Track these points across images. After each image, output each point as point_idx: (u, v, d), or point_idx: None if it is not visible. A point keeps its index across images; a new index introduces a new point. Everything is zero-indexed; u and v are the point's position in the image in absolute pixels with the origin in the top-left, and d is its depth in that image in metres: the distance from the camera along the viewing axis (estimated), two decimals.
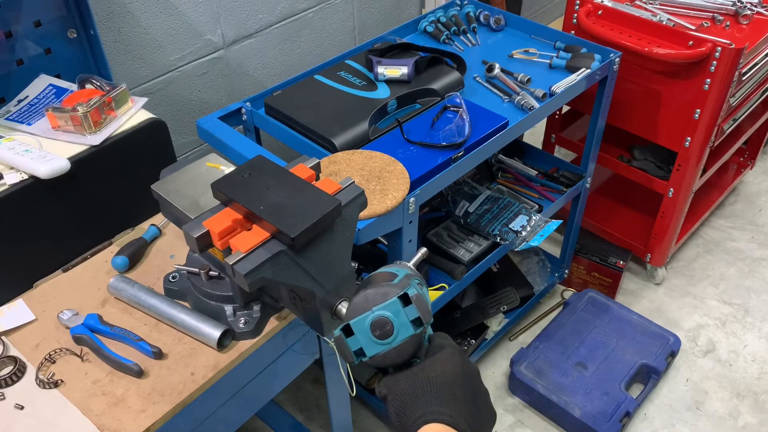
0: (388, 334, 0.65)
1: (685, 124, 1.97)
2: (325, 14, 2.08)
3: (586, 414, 1.90)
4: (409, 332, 0.65)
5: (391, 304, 0.66)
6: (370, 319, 0.66)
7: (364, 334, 0.66)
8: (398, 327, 0.65)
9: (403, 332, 0.65)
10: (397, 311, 0.65)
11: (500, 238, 1.74)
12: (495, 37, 1.93)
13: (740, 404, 2.05)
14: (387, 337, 0.65)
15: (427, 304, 0.66)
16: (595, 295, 2.27)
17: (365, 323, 0.66)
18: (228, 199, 0.92)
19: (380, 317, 0.65)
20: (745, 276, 2.46)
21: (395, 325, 0.65)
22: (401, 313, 0.65)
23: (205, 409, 1.10)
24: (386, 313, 0.65)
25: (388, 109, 1.55)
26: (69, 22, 1.36)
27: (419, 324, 0.65)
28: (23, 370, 1.07)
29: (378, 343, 0.66)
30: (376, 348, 0.66)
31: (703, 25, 1.93)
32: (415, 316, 0.65)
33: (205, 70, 1.84)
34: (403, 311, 0.65)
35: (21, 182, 1.14)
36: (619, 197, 2.54)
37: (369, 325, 0.66)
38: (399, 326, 0.65)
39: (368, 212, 1.26)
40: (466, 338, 2.06)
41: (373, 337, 0.66)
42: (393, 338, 0.65)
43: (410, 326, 0.65)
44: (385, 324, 0.65)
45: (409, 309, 0.65)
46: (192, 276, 1.14)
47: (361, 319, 0.66)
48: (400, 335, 0.65)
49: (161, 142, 1.33)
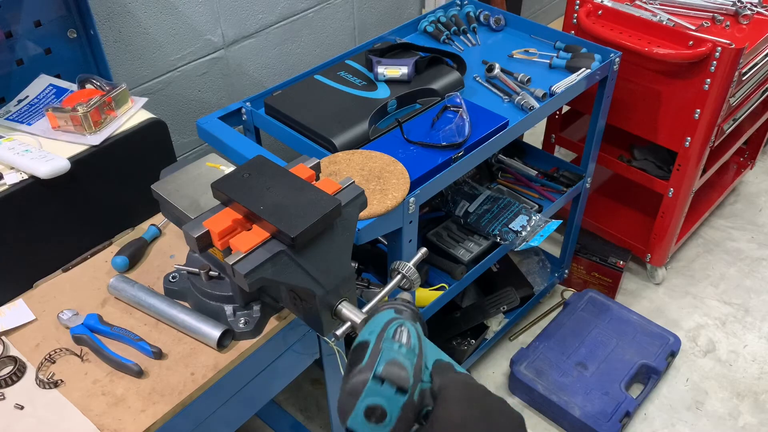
0: (383, 416, 0.65)
1: (685, 124, 1.97)
2: (325, 14, 2.08)
3: (586, 414, 1.90)
4: (399, 404, 0.65)
5: (369, 390, 0.66)
6: (361, 413, 0.66)
7: (364, 426, 0.66)
8: (388, 406, 0.65)
9: (394, 408, 0.65)
10: (378, 393, 0.65)
11: (500, 238, 1.74)
12: (495, 37, 1.93)
13: (740, 404, 2.05)
14: (384, 419, 0.65)
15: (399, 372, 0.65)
16: (595, 295, 2.27)
17: (359, 418, 0.66)
18: (228, 199, 0.92)
19: (368, 406, 0.66)
20: (745, 276, 2.46)
21: (385, 406, 0.65)
22: (382, 391, 0.65)
23: (205, 409, 1.10)
24: (371, 400, 0.65)
25: (388, 109, 1.55)
26: (69, 22, 1.36)
27: (404, 391, 0.65)
28: (23, 370, 1.07)
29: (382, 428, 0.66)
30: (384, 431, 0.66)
31: (703, 25, 1.93)
32: (394, 389, 0.65)
33: (205, 70, 1.84)
34: (383, 389, 0.65)
35: (21, 182, 1.14)
36: (619, 197, 2.54)
37: (363, 417, 0.66)
38: (388, 405, 0.65)
39: (368, 212, 1.26)
40: (466, 338, 2.06)
41: (373, 426, 0.66)
42: (389, 418, 0.65)
43: (397, 399, 0.65)
44: (375, 410, 0.65)
45: (386, 386, 0.65)
46: (192, 276, 1.14)
47: (354, 416, 0.66)
48: (393, 412, 0.65)
49: (161, 142, 1.33)
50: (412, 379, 0.66)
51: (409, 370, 0.67)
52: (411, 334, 0.70)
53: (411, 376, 0.66)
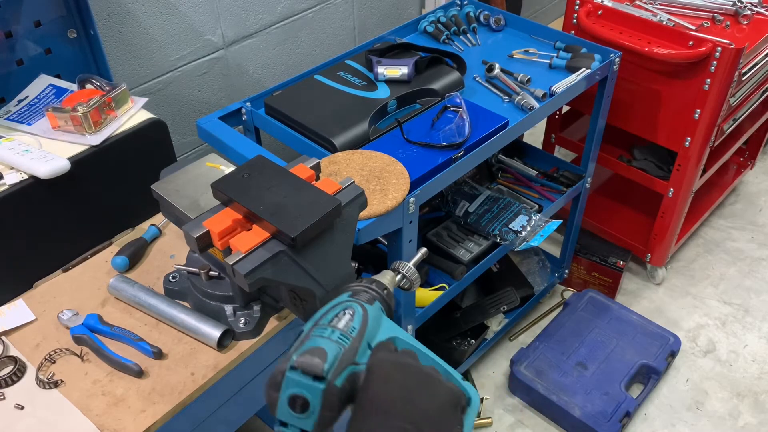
0: (305, 406, 0.64)
1: (685, 124, 1.97)
2: (325, 14, 2.08)
3: (586, 414, 1.90)
4: (318, 392, 0.64)
5: (288, 382, 0.64)
6: (285, 404, 0.64)
7: (292, 418, 0.65)
8: (308, 394, 0.64)
9: (314, 396, 0.64)
10: (297, 383, 0.64)
11: (500, 238, 1.74)
12: (495, 37, 1.93)
13: (740, 404, 2.05)
14: (307, 409, 0.64)
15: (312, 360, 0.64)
16: (595, 295, 2.27)
17: (285, 409, 0.64)
18: (228, 199, 0.92)
19: (289, 397, 0.64)
20: (745, 276, 2.46)
21: (305, 395, 0.64)
22: (300, 381, 0.64)
23: (205, 409, 1.10)
24: (291, 391, 0.64)
25: (388, 109, 1.55)
26: (69, 22, 1.36)
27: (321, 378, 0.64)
28: (23, 370, 1.07)
29: (307, 417, 0.64)
30: (309, 421, 0.64)
31: (703, 25, 1.93)
32: (311, 377, 0.64)
33: (205, 70, 1.84)
34: (301, 379, 0.64)
35: (21, 182, 1.14)
36: (619, 197, 2.54)
37: (288, 408, 0.64)
38: (308, 393, 0.64)
39: (368, 212, 1.26)
40: (466, 338, 2.06)
41: (298, 416, 0.64)
42: (312, 407, 0.64)
43: (315, 386, 0.64)
44: (297, 399, 0.64)
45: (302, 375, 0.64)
46: (192, 276, 1.14)
47: (280, 408, 0.65)
48: (314, 400, 0.64)
49: (161, 142, 1.33)
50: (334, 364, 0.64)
51: (332, 355, 0.65)
52: (355, 316, 0.69)
53: (333, 361, 0.65)
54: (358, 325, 0.69)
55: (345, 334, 0.67)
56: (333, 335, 0.67)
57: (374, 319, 0.71)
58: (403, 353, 0.68)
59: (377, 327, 0.71)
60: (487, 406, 2.05)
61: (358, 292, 0.75)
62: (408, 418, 0.61)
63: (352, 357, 0.66)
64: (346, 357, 0.66)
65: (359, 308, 0.70)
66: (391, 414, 0.62)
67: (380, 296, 0.76)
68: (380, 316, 0.73)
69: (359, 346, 0.67)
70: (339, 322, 0.68)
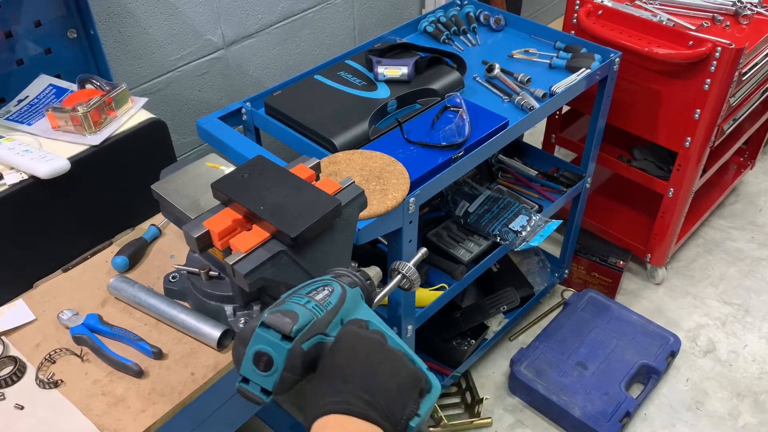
0: (270, 363, 0.65)
1: (685, 124, 1.97)
2: (325, 14, 2.08)
3: (586, 414, 1.90)
4: (283, 351, 0.65)
5: (256, 337, 0.66)
6: (250, 359, 0.66)
7: (255, 374, 0.66)
8: (273, 352, 0.65)
9: (278, 354, 0.65)
10: (264, 339, 0.65)
11: (500, 238, 1.74)
12: (495, 37, 1.93)
13: (740, 404, 2.05)
14: (271, 367, 0.65)
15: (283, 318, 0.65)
16: (595, 295, 2.27)
17: (249, 365, 0.66)
18: (228, 199, 0.92)
19: (255, 352, 0.66)
20: (745, 276, 2.46)
21: (270, 352, 0.65)
22: (267, 338, 0.65)
23: (205, 409, 1.10)
24: (257, 347, 0.66)
25: (388, 109, 1.55)
26: (69, 22, 1.36)
27: (289, 339, 0.65)
28: (23, 370, 1.07)
29: (268, 375, 0.66)
30: (270, 380, 0.66)
31: (703, 25, 1.93)
32: (279, 336, 0.65)
33: (205, 70, 1.84)
34: (268, 336, 0.65)
35: (21, 182, 1.14)
36: (619, 197, 2.54)
37: (252, 364, 0.66)
38: (273, 351, 0.65)
39: (368, 212, 1.26)
40: (466, 338, 2.06)
41: (261, 373, 0.66)
42: (276, 365, 0.65)
43: (281, 345, 0.65)
44: (262, 356, 0.65)
45: (271, 332, 0.65)
46: (192, 276, 1.14)
47: (245, 363, 0.66)
48: (278, 358, 0.65)
49: (161, 142, 1.33)
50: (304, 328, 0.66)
51: (303, 320, 0.66)
52: (333, 294, 0.71)
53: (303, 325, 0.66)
54: (334, 301, 0.70)
55: (320, 306, 0.69)
56: (308, 304, 0.68)
57: (351, 301, 0.73)
58: (373, 332, 0.70)
59: (353, 309, 0.73)
60: (487, 406, 2.05)
61: (341, 275, 0.77)
62: (365, 388, 0.63)
63: (323, 328, 0.68)
64: (316, 325, 0.67)
65: (339, 287, 0.72)
66: (350, 381, 0.63)
67: (362, 283, 0.78)
68: (359, 301, 0.75)
69: (332, 320, 0.69)
70: (317, 295, 0.70)
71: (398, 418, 0.64)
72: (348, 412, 0.61)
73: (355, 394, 0.63)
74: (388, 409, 0.63)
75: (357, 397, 0.62)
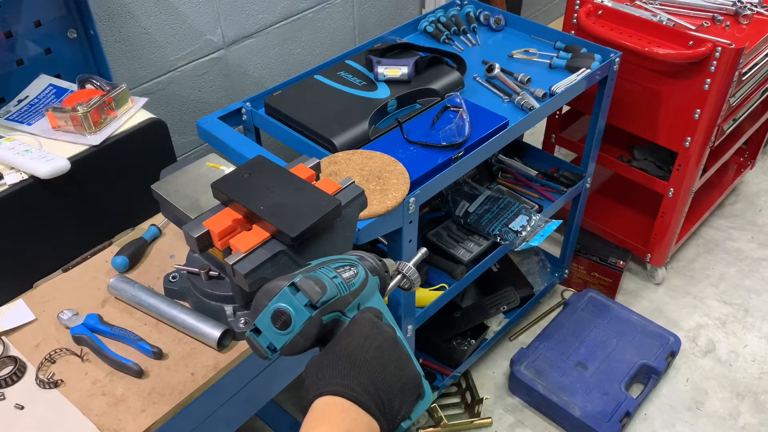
0: (287, 323, 0.67)
1: (685, 124, 1.97)
2: (325, 14, 2.08)
3: (586, 414, 1.90)
4: (305, 316, 0.67)
5: (282, 295, 0.68)
6: (269, 313, 0.68)
7: (269, 329, 0.68)
8: (294, 314, 0.67)
9: (299, 318, 0.67)
10: (290, 300, 0.67)
11: (500, 238, 1.74)
12: (495, 37, 1.93)
13: (740, 404, 2.05)
14: (287, 327, 0.67)
15: (314, 287, 0.67)
16: (595, 295, 2.27)
17: (266, 318, 0.68)
18: (228, 199, 0.92)
19: (276, 309, 0.68)
20: (745, 276, 2.46)
21: (291, 314, 0.67)
22: (293, 300, 0.67)
23: (205, 409, 1.10)
24: (280, 305, 0.68)
25: (388, 109, 1.55)
26: (69, 22, 1.36)
27: (314, 307, 0.67)
28: (23, 370, 1.07)
29: (282, 334, 0.68)
30: (282, 339, 0.68)
31: (703, 25, 1.93)
32: (306, 301, 0.67)
33: (205, 70, 1.84)
34: (295, 298, 0.67)
35: (21, 182, 1.14)
36: (619, 197, 2.54)
37: (270, 318, 0.68)
38: (295, 313, 0.67)
39: (368, 212, 1.26)
40: (466, 338, 2.06)
41: (276, 330, 0.68)
42: (293, 326, 0.67)
43: (305, 311, 0.67)
44: (282, 314, 0.67)
45: (299, 295, 0.67)
46: (192, 276, 1.14)
47: (262, 316, 0.68)
48: (298, 322, 0.67)
49: (161, 142, 1.33)
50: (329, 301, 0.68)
51: (331, 293, 0.68)
52: (357, 276, 0.73)
53: (329, 299, 0.68)
54: (357, 284, 0.72)
55: (345, 284, 0.71)
56: (335, 279, 0.70)
57: (370, 288, 0.75)
58: (387, 325, 0.71)
59: (369, 297, 0.75)
60: (487, 406, 2.05)
61: (365, 258, 0.79)
62: (371, 380, 0.65)
63: (342, 306, 0.70)
64: (338, 302, 0.70)
65: (363, 272, 0.74)
66: (358, 368, 0.65)
67: (381, 273, 0.80)
68: (375, 290, 0.76)
69: (351, 301, 0.71)
70: (344, 273, 0.72)
71: (394, 416, 0.65)
72: (353, 399, 0.63)
73: (362, 382, 0.64)
74: (388, 406, 0.65)
75: (363, 386, 0.64)
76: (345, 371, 0.64)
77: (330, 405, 0.63)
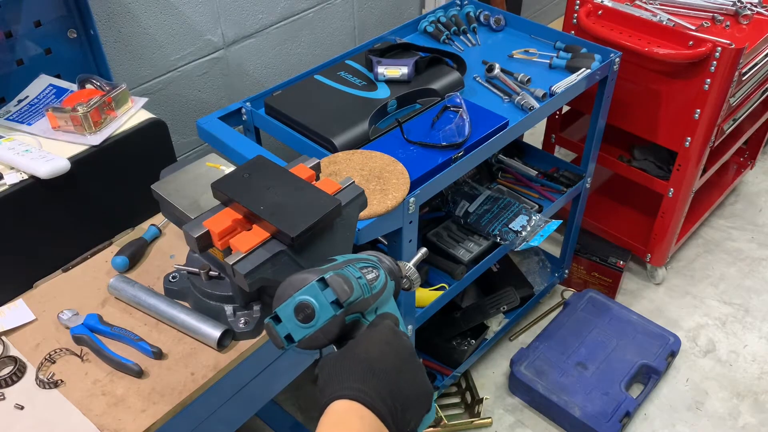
0: (310, 317, 0.67)
1: (685, 124, 1.97)
2: (325, 14, 2.08)
3: (586, 414, 1.90)
4: (329, 314, 0.68)
5: (310, 288, 0.68)
6: (293, 305, 0.68)
7: (290, 320, 0.68)
8: (319, 310, 0.67)
9: (323, 314, 0.67)
10: (316, 294, 0.68)
11: (500, 238, 1.74)
12: (495, 37, 1.93)
13: (740, 404, 2.05)
14: (309, 321, 0.68)
15: (343, 285, 0.68)
16: (595, 295, 2.27)
17: (289, 309, 0.68)
18: (228, 199, 0.92)
19: (301, 302, 0.68)
20: (745, 276, 2.46)
21: (316, 308, 0.67)
22: (320, 295, 0.68)
23: (205, 409, 1.10)
24: (306, 298, 0.68)
25: (388, 109, 1.55)
26: (69, 22, 1.36)
27: (339, 305, 0.68)
28: (23, 370, 1.07)
29: (303, 327, 0.68)
30: (302, 332, 0.68)
31: (703, 25, 1.93)
32: (333, 299, 0.68)
33: (205, 70, 1.84)
34: (322, 294, 0.68)
35: (21, 182, 1.14)
36: (619, 197, 2.54)
37: (293, 310, 0.68)
38: (320, 309, 0.67)
39: (368, 212, 1.26)
40: (466, 338, 2.06)
41: (297, 322, 0.68)
42: (315, 321, 0.67)
43: (330, 308, 0.68)
44: (306, 308, 0.68)
45: (327, 292, 0.68)
46: (192, 276, 1.14)
47: (286, 305, 0.68)
48: (321, 317, 0.67)
49: (161, 142, 1.33)
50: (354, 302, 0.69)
51: (356, 294, 0.69)
52: (379, 279, 0.73)
53: (354, 300, 0.69)
54: (378, 288, 0.73)
55: (368, 286, 0.72)
56: (360, 280, 0.71)
57: (388, 293, 0.76)
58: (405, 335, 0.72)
59: (386, 301, 0.75)
60: (487, 406, 2.05)
61: (383, 261, 0.79)
62: (389, 390, 0.65)
63: (364, 308, 0.71)
64: (361, 304, 0.70)
65: (383, 276, 0.75)
66: (377, 374, 0.65)
67: (397, 279, 0.80)
68: (391, 294, 0.77)
69: (371, 304, 0.72)
70: (367, 274, 0.73)
71: (404, 428, 0.65)
72: (370, 407, 0.63)
73: (379, 391, 0.64)
74: (401, 417, 0.65)
75: (380, 395, 0.64)
76: (365, 377, 0.64)
77: (349, 411, 0.62)
